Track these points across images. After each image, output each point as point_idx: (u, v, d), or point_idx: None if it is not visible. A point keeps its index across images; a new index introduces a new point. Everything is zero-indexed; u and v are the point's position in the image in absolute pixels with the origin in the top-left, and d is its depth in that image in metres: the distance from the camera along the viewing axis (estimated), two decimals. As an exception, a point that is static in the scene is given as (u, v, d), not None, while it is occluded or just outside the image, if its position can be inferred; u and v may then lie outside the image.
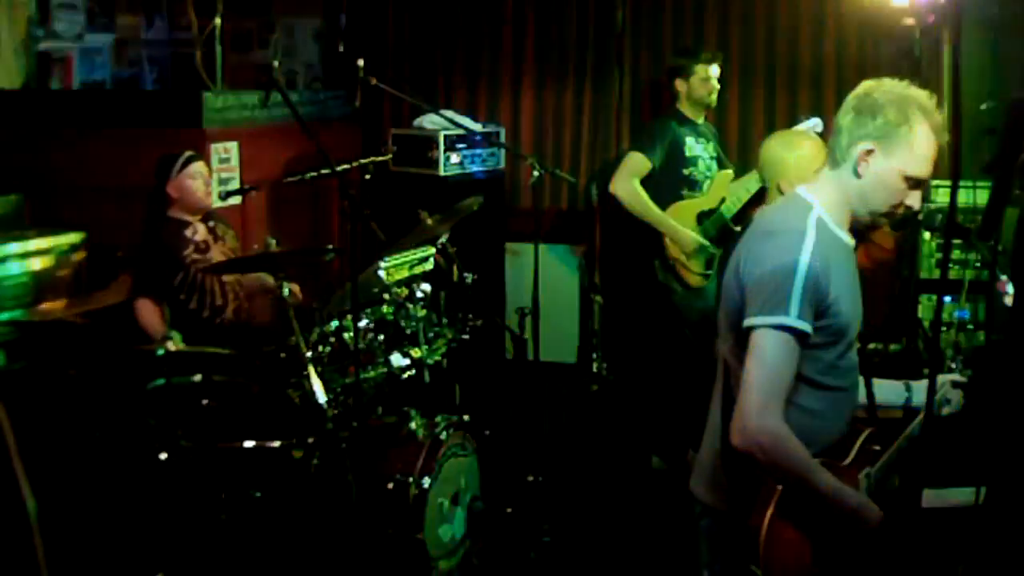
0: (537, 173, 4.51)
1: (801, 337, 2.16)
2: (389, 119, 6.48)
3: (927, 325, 4.92)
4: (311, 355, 3.57)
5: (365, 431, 3.66)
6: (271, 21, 6.58)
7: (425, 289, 3.98)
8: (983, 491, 3.24)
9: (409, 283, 3.98)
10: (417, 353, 3.90)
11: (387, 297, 3.96)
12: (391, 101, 6.45)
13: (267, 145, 5.21)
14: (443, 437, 3.72)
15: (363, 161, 4.51)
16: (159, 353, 3.60)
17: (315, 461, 3.52)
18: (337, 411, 3.58)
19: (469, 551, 3.86)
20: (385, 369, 3.85)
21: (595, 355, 6.07)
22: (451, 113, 5.60)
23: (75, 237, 4.70)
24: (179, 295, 4.16)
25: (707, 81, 5.12)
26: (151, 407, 3.62)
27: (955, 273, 4.69)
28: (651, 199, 4.94)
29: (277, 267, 3.74)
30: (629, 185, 4.98)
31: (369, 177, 4.78)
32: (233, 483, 3.51)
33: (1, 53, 5.23)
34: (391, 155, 5.81)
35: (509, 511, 4.11)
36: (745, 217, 4.74)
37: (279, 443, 3.53)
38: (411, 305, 3.92)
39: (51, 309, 4.39)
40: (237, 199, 4.86)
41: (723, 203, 4.91)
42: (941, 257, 4.89)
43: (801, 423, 2.20)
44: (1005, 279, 3.50)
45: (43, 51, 5.48)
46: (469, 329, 4.19)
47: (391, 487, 3.58)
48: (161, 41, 6.21)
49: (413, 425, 3.80)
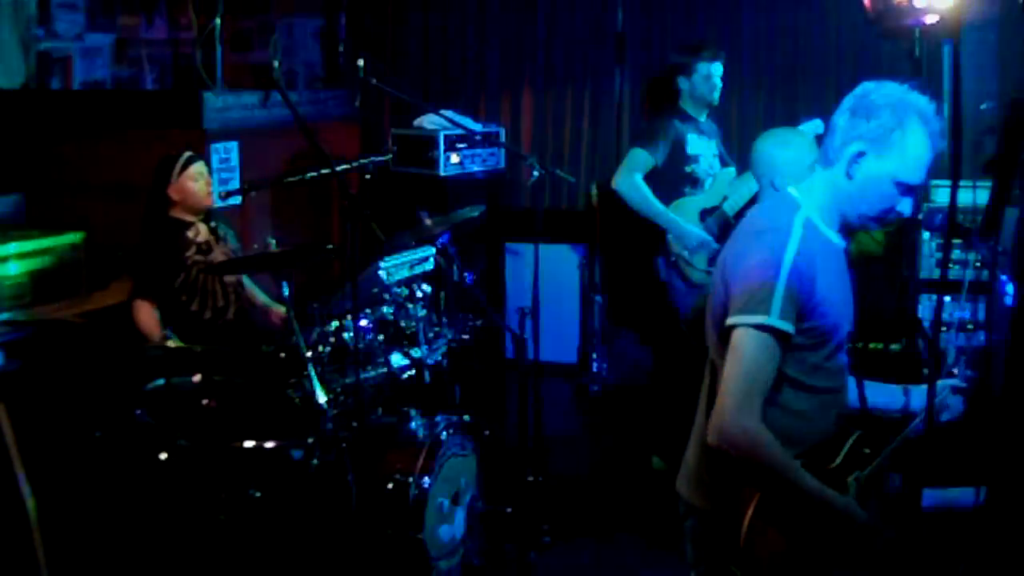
0: (537, 173, 4.51)
1: (783, 337, 2.13)
2: (389, 119, 6.48)
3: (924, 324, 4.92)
4: (311, 355, 3.57)
5: (365, 431, 3.66)
6: (271, 21, 6.58)
7: (425, 289, 3.98)
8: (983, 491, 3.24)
9: (409, 283, 3.98)
10: (417, 353, 3.91)
11: (387, 297, 3.96)
12: (391, 101, 6.46)
13: (267, 145, 5.21)
14: (443, 437, 3.72)
15: (363, 161, 4.50)
16: (159, 353, 3.60)
17: (315, 461, 3.52)
18: (337, 411, 3.58)
19: (469, 551, 3.86)
20: (385, 369, 3.85)
21: (595, 355, 6.08)
22: (451, 113, 5.60)
23: (75, 237, 4.69)
24: (180, 296, 4.15)
25: (709, 79, 5.11)
26: (151, 407, 3.62)
27: (955, 273, 4.69)
28: (654, 195, 4.94)
29: (277, 267, 3.74)
30: (631, 181, 4.98)
31: (369, 177, 4.79)
32: (233, 483, 3.51)
33: (1, 53, 5.23)
34: (391, 155, 5.81)
35: (509, 511, 4.11)
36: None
37: (279, 443, 3.53)
38: (411, 305, 3.92)
39: (51, 309, 4.39)
40: (237, 199, 4.86)
41: (725, 201, 4.91)
42: (941, 257, 4.89)
43: (785, 424, 2.18)
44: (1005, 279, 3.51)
45: (43, 51, 5.49)
46: (469, 329, 4.19)
47: (391, 487, 3.58)
48: (161, 41, 6.20)
49: (413, 425, 3.80)
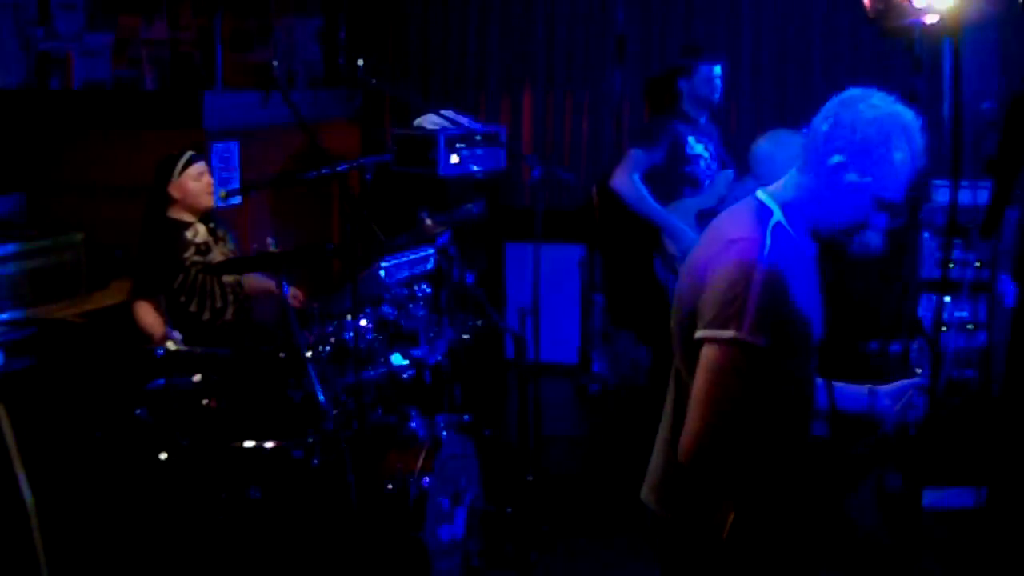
0: (537, 173, 4.51)
1: (755, 351, 2.04)
2: (389, 119, 6.49)
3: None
4: (311, 355, 3.57)
5: (365, 431, 3.66)
6: (271, 21, 6.59)
7: (425, 289, 3.98)
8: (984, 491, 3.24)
9: (409, 283, 3.98)
10: (417, 353, 3.91)
11: (387, 297, 3.96)
12: (391, 101, 6.46)
13: (267, 145, 5.21)
14: (443, 437, 3.72)
15: (363, 161, 4.50)
16: (159, 353, 3.60)
17: (315, 461, 3.52)
18: (337, 411, 3.58)
19: (469, 551, 3.85)
20: (385, 369, 3.85)
21: (595, 355, 6.09)
22: (451, 113, 5.60)
23: (75, 237, 4.69)
24: (179, 297, 4.15)
25: (710, 81, 5.11)
26: (151, 407, 3.62)
27: (955, 273, 4.69)
28: (652, 196, 4.94)
29: (277, 267, 3.74)
30: (629, 181, 4.98)
31: (369, 177, 4.78)
32: (233, 483, 3.51)
33: (1, 53, 5.23)
34: (391, 155, 5.81)
35: (509, 511, 4.11)
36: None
37: (279, 443, 3.53)
38: (411, 305, 3.92)
39: (51, 309, 4.39)
40: (237, 199, 4.86)
41: (723, 202, 4.91)
42: (941, 257, 4.90)
43: (759, 437, 2.09)
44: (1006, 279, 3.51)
45: (43, 51, 5.49)
46: (469, 329, 4.19)
47: (391, 487, 3.58)
48: (161, 41, 6.20)
49: (413, 425, 3.80)
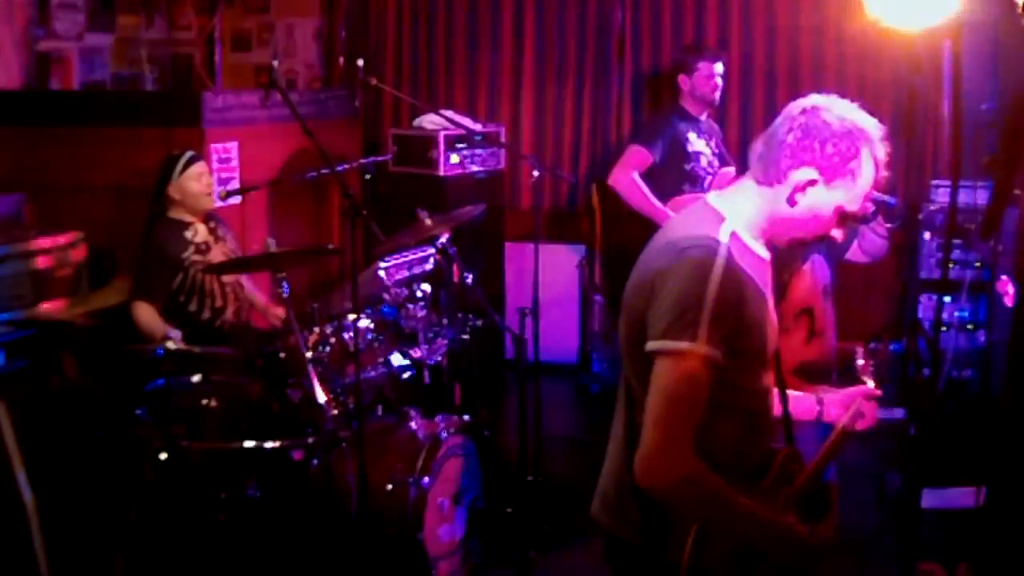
0: (537, 173, 4.51)
1: (710, 364, 1.95)
2: (389, 119, 6.49)
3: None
4: (311, 355, 3.57)
5: (365, 431, 3.66)
6: (271, 21, 6.59)
7: (425, 289, 3.98)
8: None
9: (409, 283, 3.98)
10: (417, 353, 3.90)
11: (387, 297, 3.96)
12: (391, 101, 6.46)
13: (267, 145, 5.21)
14: (443, 437, 3.72)
15: (363, 161, 4.50)
16: (159, 353, 3.60)
17: (315, 461, 3.52)
18: (337, 411, 3.58)
19: (469, 551, 3.86)
20: (385, 369, 3.85)
21: (595, 355, 6.08)
22: (451, 113, 5.60)
23: (75, 237, 4.69)
24: (179, 297, 4.15)
25: (710, 79, 5.12)
26: (151, 407, 3.62)
27: (955, 273, 4.69)
28: (652, 193, 4.93)
29: (277, 267, 3.74)
30: (627, 177, 4.98)
31: (369, 177, 4.79)
32: (233, 483, 3.51)
33: (1, 53, 5.23)
34: (391, 155, 5.82)
35: (509, 511, 4.11)
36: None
37: (279, 443, 3.53)
38: (411, 305, 3.92)
39: (51, 309, 4.39)
40: (237, 199, 4.86)
41: None
42: (941, 257, 4.89)
43: (716, 451, 2.00)
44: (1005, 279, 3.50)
45: (43, 51, 5.49)
46: (469, 329, 4.19)
47: (391, 487, 3.58)
48: (161, 41, 6.21)
49: (413, 425, 3.80)
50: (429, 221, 3.98)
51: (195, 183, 4.20)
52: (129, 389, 3.72)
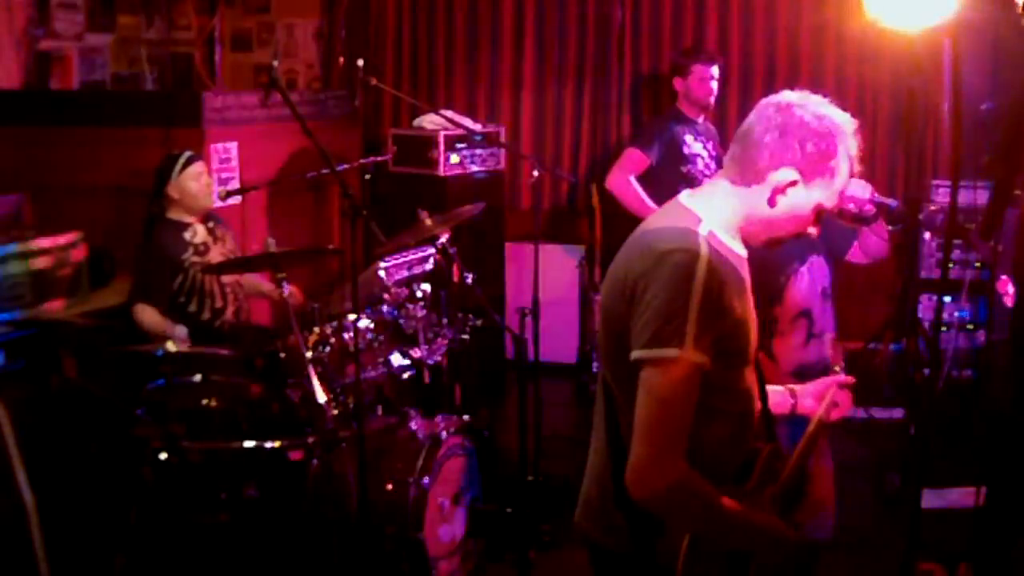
0: (537, 173, 4.52)
1: (699, 370, 1.92)
2: (389, 119, 6.49)
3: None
4: (311, 355, 3.57)
5: (365, 431, 3.66)
6: (271, 21, 6.60)
7: (425, 289, 3.98)
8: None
9: (409, 283, 3.98)
10: (417, 353, 3.90)
11: (387, 297, 3.96)
12: (391, 101, 6.47)
13: (267, 145, 5.21)
14: (443, 437, 3.72)
15: (363, 161, 4.50)
16: (159, 353, 3.60)
17: (315, 461, 3.52)
18: (337, 411, 3.58)
19: (469, 551, 3.85)
20: (385, 369, 3.85)
21: (595, 355, 6.08)
22: (451, 113, 5.60)
23: (75, 237, 4.69)
24: (178, 298, 4.15)
25: (705, 81, 5.12)
26: (151, 407, 3.62)
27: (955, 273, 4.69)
28: (649, 196, 4.94)
29: (277, 267, 3.74)
30: (623, 180, 4.98)
31: (369, 177, 4.79)
32: (233, 483, 3.50)
33: (1, 53, 5.23)
34: (391, 155, 5.82)
35: (509, 511, 4.11)
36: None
37: (279, 443, 3.53)
38: (411, 305, 3.92)
39: (51, 309, 4.39)
40: (237, 199, 4.86)
41: None
42: (941, 257, 4.89)
43: (704, 455, 1.99)
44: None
45: (43, 51, 5.49)
46: (469, 329, 4.19)
47: (391, 487, 3.58)
48: (161, 41, 6.21)
49: (413, 425, 3.80)
50: (429, 221, 3.98)
51: (194, 183, 4.20)
52: (129, 389, 3.72)
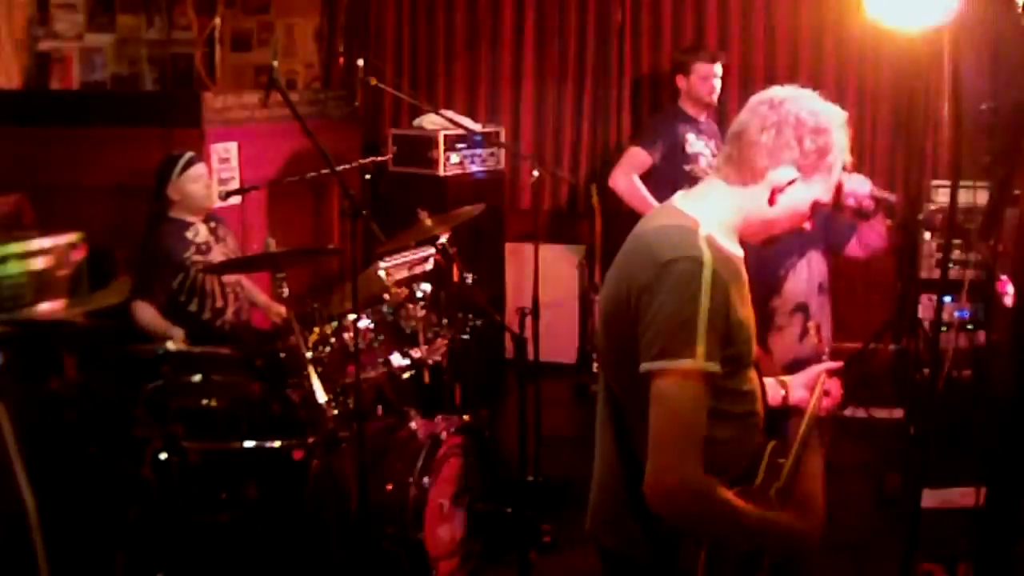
0: (537, 173, 4.51)
1: (711, 378, 1.92)
2: (389, 119, 6.49)
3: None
4: (311, 355, 3.57)
5: (365, 431, 3.66)
6: (271, 21, 6.59)
7: (425, 289, 3.98)
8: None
9: (409, 283, 3.98)
10: (417, 353, 3.90)
11: (387, 297, 3.96)
12: (391, 101, 6.46)
13: (267, 145, 5.21)
14: (443, 437, 3.72)
15: (363, 161, 4.50)
16: (159, 353, 3.60)
17: (315, 461, 3.52)
18: (337, 411, 3.58)
19: (469, 551, 3.85)
20: (385, 369, 3.85)
21: (595, 355, 6.08)
22: (451, 113, 5.60)
23: (75, 237, 4.69)
24: (179, 297, 4.15)
25: (707, 79, 5.11)
26: (151, 407, 3.62)
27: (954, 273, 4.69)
28: (651, 194, 4.93)
29: (277, 267, 3.74)
30: (627, 179, 4.98)
31: (369, 177, 4.78)
32: (233, 483, 3.51)
33: (1, 53, 5.23)
34: (391, 155, 5.82)
35: (509, 511, 4.11)
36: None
37: (279, 443, 3.53)
38: (411, 305, 3.92)
39: (51, 309, 4.39)
40: (237, 199, 4.86)
41: None
42: (941, 257, 4.89)
43: (714, 457, 1.96)
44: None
45: (43, 51, 5.49)
46: (469, 329, 4.19)
47: (391, 487, 3.58)
48: (161, 41, 6.21)
49: (413, 425, 3.80)
50: (429, 221, 3.98)
51: (194, 185, 4.20)
52: (129, 389, 3.72)
